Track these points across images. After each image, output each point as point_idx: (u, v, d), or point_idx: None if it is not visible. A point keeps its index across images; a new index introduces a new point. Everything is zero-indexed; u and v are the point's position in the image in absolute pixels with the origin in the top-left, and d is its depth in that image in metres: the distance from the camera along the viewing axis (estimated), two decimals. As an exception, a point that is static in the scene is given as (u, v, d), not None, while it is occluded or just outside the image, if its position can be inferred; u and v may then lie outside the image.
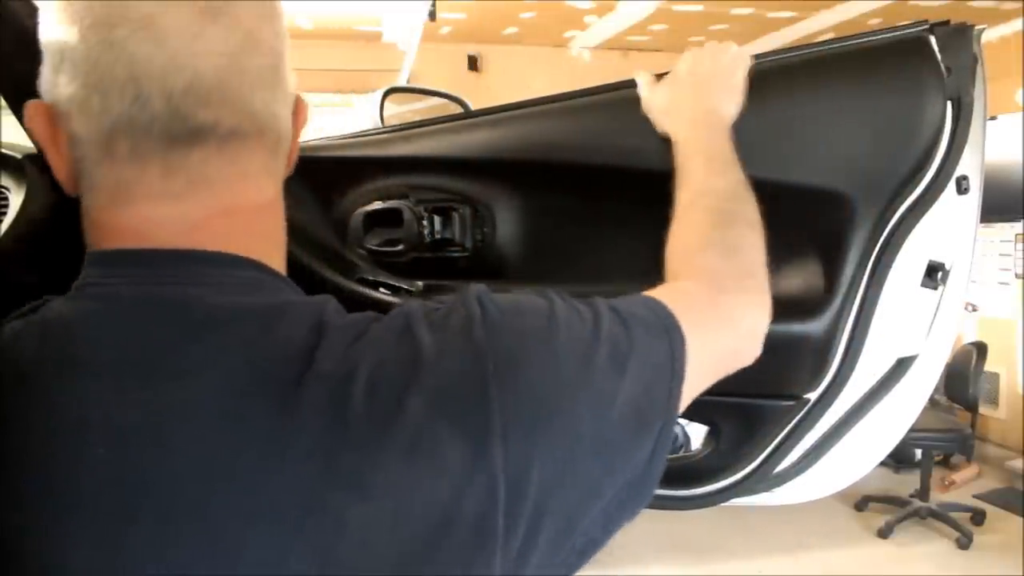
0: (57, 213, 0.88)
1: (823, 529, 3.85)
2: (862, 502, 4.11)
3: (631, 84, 0.90)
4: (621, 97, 0.91)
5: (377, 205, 1.00)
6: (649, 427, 0.54)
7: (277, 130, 0.55)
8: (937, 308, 0.87)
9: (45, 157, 0.54)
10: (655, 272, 0.80)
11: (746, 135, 0.83)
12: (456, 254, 0.99)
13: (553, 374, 0.51)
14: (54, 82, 0.51)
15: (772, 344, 0.87)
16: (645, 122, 0.88)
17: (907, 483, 4.16)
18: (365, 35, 5.11)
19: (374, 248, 1.00)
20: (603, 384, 0.52)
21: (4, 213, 0.88)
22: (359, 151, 1.03)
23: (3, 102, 0.82)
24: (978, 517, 3.95)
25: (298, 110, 0.58)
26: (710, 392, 0.71)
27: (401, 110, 1.76)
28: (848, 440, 0.90)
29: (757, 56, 0.88)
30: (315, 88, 5.10)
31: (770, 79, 0.86)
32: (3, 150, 0.89)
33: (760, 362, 0.82)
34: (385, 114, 1.57)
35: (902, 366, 0.89)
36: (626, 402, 0.52)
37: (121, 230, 0.51)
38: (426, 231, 0.98)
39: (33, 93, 0.69)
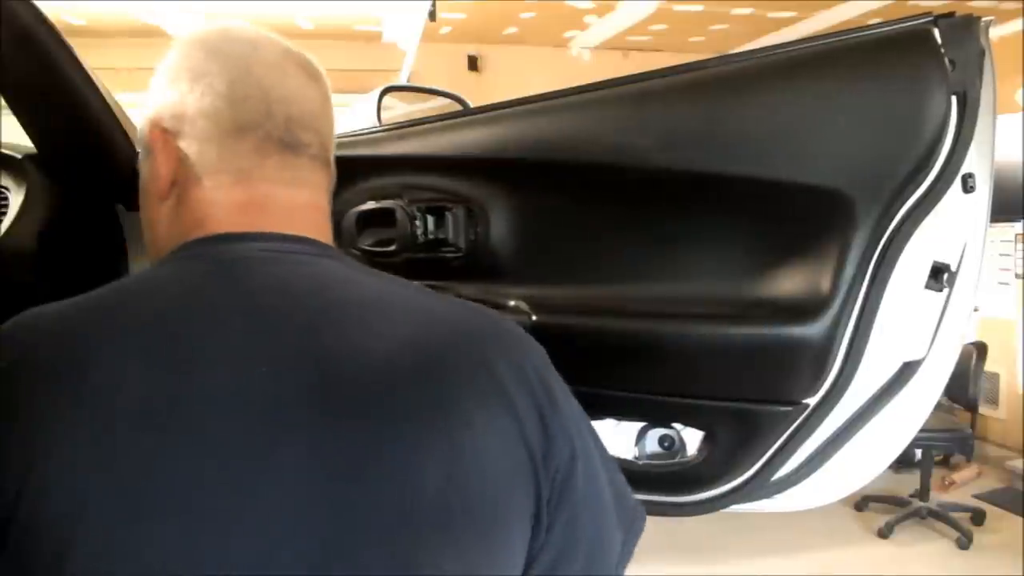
0: (57, 213, 0.87)
1: (823, 529, 3.84)
2: (862, 502, 4.10)
3: (625, 81, 0.88)
4: (615, 95, 0.90)
5: (370, 205, 1.00)
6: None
7: (332, 171, 0.72)
8: (943, 311, 0.85)
9: (147, 161, 0.69)
10: (649, 272, 0.79)
11: (744, 132, 0.82)
12: (450, 254, 0.98)
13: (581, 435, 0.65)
14: (185, 95, 0.67)
15: (769, 347, 0.85)
16: (640, 120, 0.87)
17: (907, 483, 4.14)
18: (365, 35, 5.10)
19: (367, 248, 1.00)
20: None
21: (4, 213, 0.88)
22: (352, 150, 1.02)
23: (3, 102, 0.82)
24: (978, 517, 3.94)
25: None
26: (706, 396, 0.70)
27: (407, 110, 1.75)
28: (851, 446, 0.88)
29: (757, 51, 0.86)
30: (314, 88, 5.08)
31: (768, 75, 0.84)
32: (3, 150, 0.89)
33: (757, 366, 0.80)
34: (389, 114, 1.56)
35: (907, 370, 0.87)
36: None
37: (244, 203, 0.66)
38: (419, 231, 0.98)
39: (33, 93, 0.70)
